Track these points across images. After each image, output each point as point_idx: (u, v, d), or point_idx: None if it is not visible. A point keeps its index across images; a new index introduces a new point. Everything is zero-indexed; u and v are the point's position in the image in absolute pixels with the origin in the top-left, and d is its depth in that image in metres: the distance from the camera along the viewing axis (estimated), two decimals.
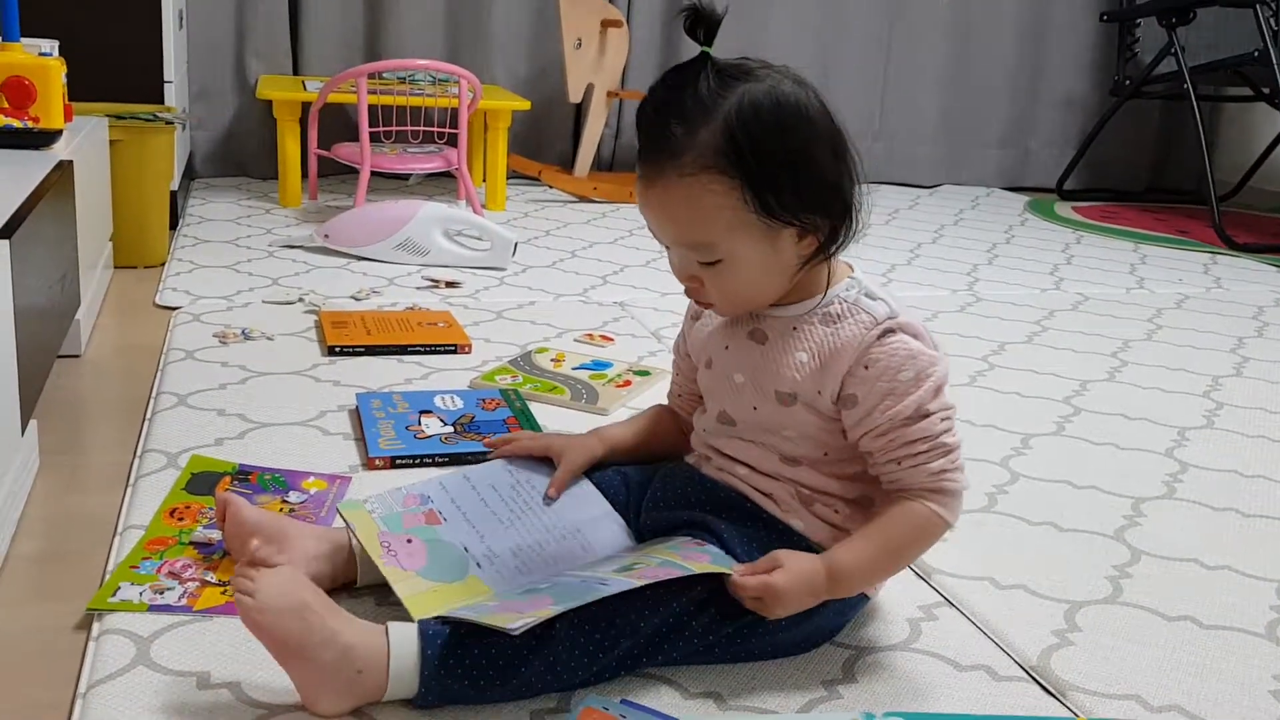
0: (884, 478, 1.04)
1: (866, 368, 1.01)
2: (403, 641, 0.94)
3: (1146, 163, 4.29)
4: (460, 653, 0.93)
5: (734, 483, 1.10)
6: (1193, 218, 3.73)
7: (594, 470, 1.19)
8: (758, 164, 0.96)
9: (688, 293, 1.07)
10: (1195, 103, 3.43)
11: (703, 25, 1.00)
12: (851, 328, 1.03)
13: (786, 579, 0.99)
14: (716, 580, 1.00)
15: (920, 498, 1.01)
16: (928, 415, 1.00)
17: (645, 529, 1.13)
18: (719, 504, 1.09)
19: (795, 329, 1.05)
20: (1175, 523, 1.43)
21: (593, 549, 1.11)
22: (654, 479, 1.16)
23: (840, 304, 1.04)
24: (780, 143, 0.97)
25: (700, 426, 1.16)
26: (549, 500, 1.16)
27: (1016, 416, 1.77)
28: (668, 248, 1.05)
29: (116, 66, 2.61)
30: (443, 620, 0.95)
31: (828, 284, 1.05)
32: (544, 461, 1.20)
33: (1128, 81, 3.81)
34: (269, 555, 0.95)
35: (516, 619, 0.91)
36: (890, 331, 1.02)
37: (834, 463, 1.07)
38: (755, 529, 1.07)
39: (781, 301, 1.06)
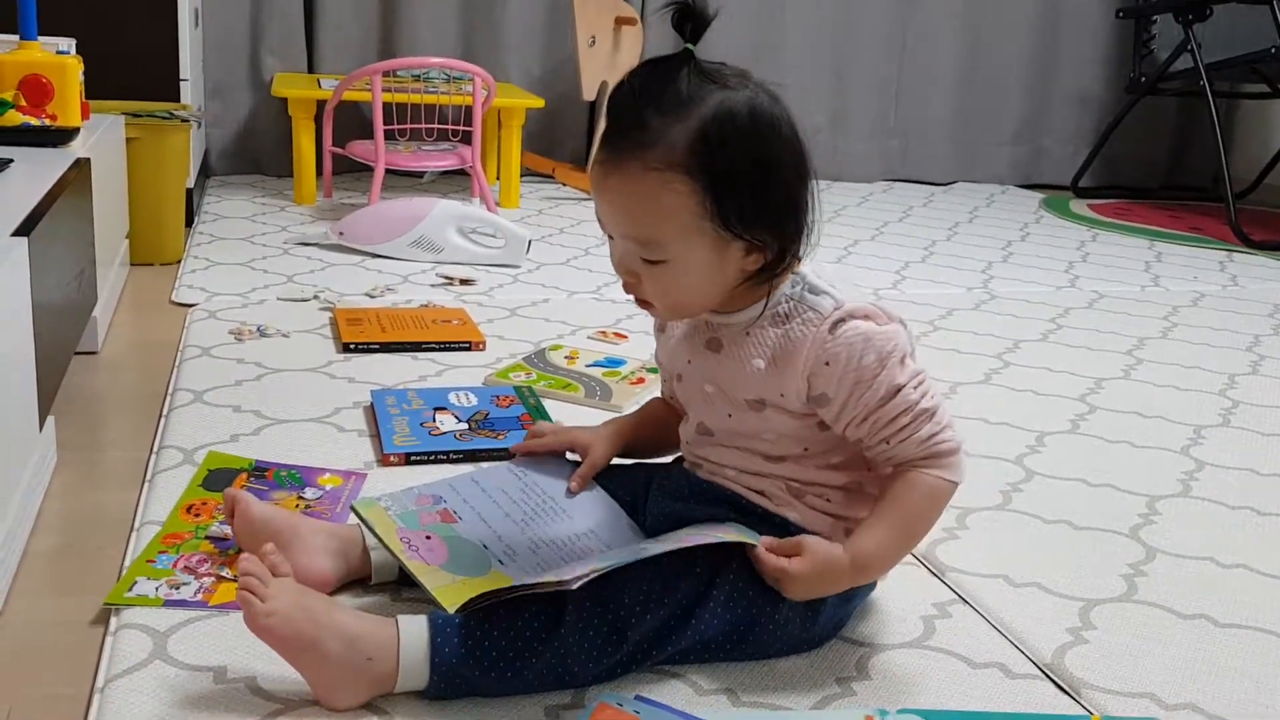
0: (879, 458, 1.03)
1: (828, 364, 1.00)
2: (413, 631, 0.94)
3: (1162, 160, 4.28)
4: (471, 643, 0.94)
5: (726, 484, 1.10)
6: (1208, 215, 3.71)
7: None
8: (724, 172, 0.95)
9: (625, 288, 1.05)
10: (1211, 99, 3.42)
11: (690, 22, 0.99)
12: (800, 327, 1.01)
13: (803, 567, 1.00)
14: (719, 569, 1.01)
15: (919, 468, 1.01)
16: (900, 389, 1.00)
17: (650, 531, 1.13)
18: (716, 501, 1.09)
19: (748, 334, 1.04)
20: (1190, 521, 1.42)
21: (610, 547, 1.11)
22: (652, 482, 1.16)
23: (787, 302, 1.03)
24: (750, 155, 0.96)
25: (684, 438, 1.16)
26: (570, 494, 1.16)
27: (1031, 414, 1.77)
28: (610, 238, 1.03)
29: (133, 65, 2.62)
30: (470, 602, 0.95)
31: (770, 288, 1.03)
32: (552, 463, 1.20)
33: (1143, 78, 3.79)
34: (277, 564, 0.95)
35: (569, 574, 0.93)
36: (840, 322, 1.00)
37: (815, 455, 1.06)
38: (753, 523, 1.07)
39: (731, 308, 1.05)
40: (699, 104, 0.96)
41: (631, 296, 1.05)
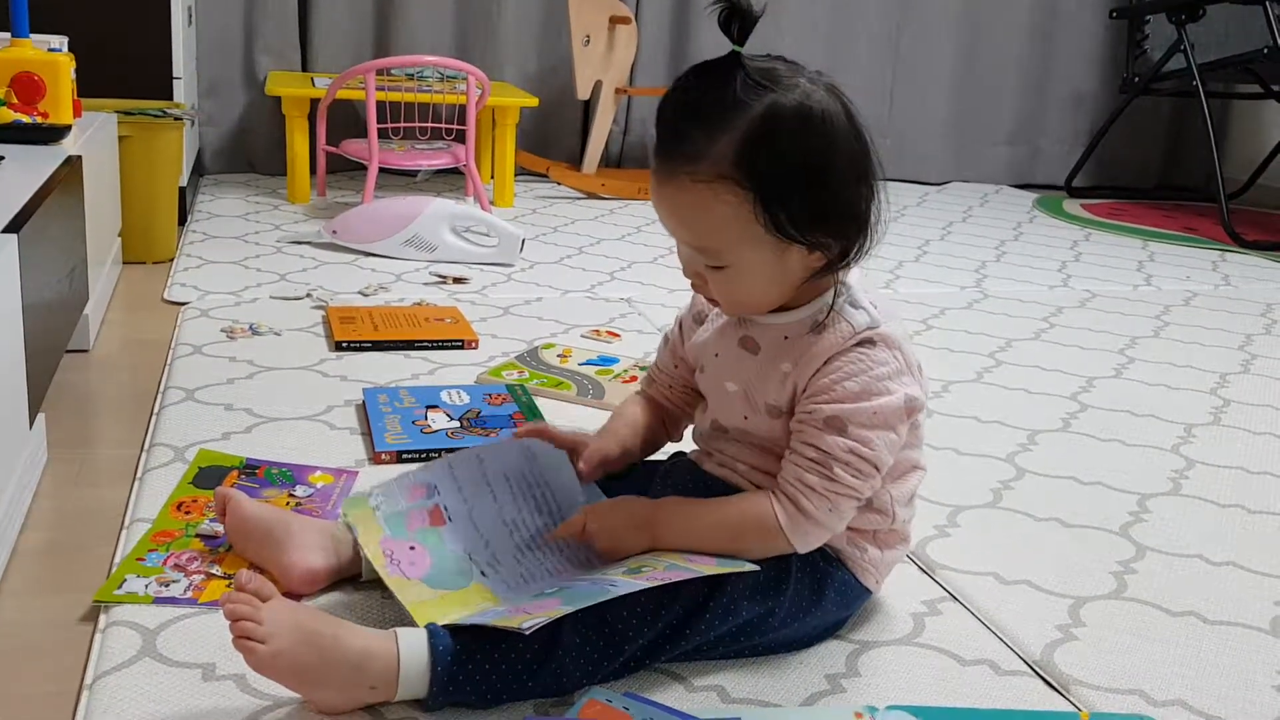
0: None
1: (826, 363, 1.00)
2: (412, 652, 0.93)
3: (1155, 160, 4.28)
4: (470, 667, 0.93)
5: (735, 479, 1.10)
6: (1202, 215, 3.72)
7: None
8: (772, 180, 0.94)
9: (694, 287, 1.06)
10: (1205, 100, 3.42)
11: (737, 20, 0.96)
12: (831, 337, 1.01)
13: (607, 506, 1.06)
14: (717, 583, 1.00)
15: (777, 495, 1.01)
16: (843, 434, 0.98)
17: None
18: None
19: (787, 339, 1.04)
20: (1181, 519, 1.42)
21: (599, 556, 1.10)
22: (655, 477, 1.16)
23: (825, 312, 1.02)
24: (799, 159, 0.95)
25: (698, 428, 1.16)
26: (581, 481, 1.14)
27: (1023, 413, 1.77)
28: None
29: (126, 62, 2.62)
30: (453, 630, 0.95)
31: (833, 289, 1.03)
32: (561, 461, 1.18)
33: (1137, 78, 3.79)
34: (260, 589, 0.92)
35: (527, 619, 0.91)
36: (868, 342, 1.00)
37: None
38: None
39: (788, 306, 1.05)
40: (745, 111, 0.94)
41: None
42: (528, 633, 0.90)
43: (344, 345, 1.86)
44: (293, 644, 0.90)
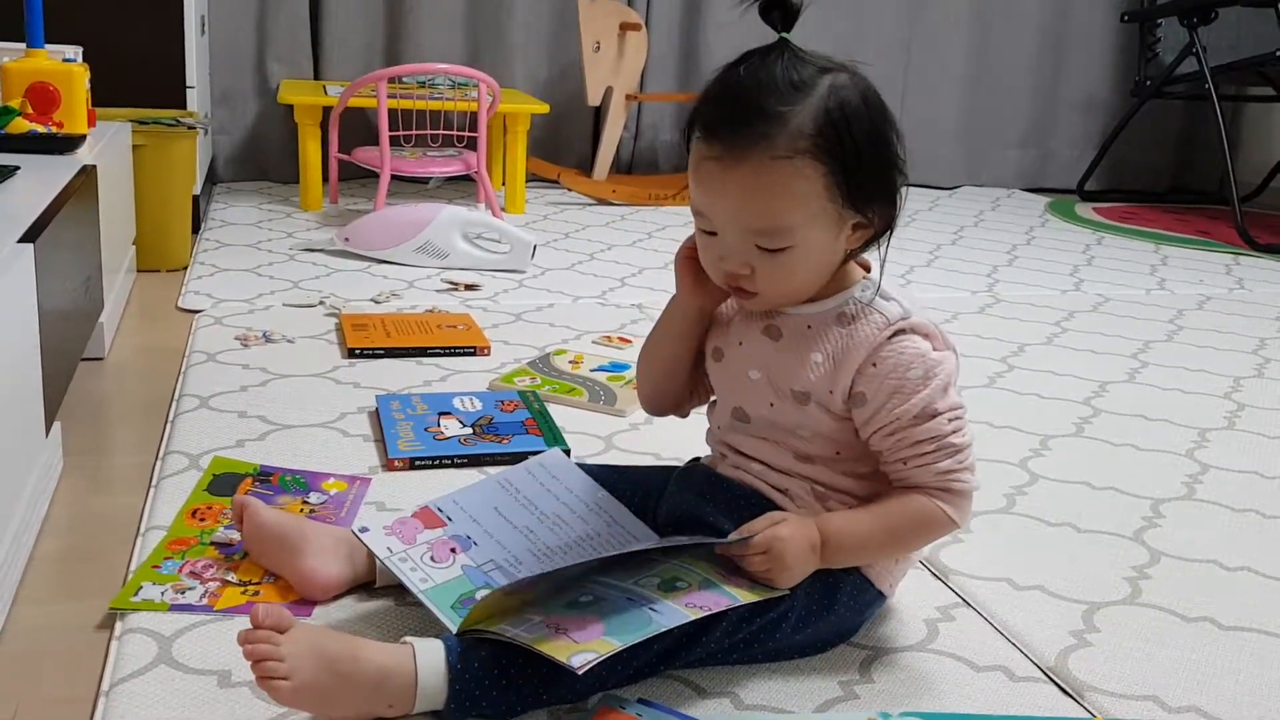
0: (892, 476, 1.04)
1: (875, 365, 1.02)
2: (429, 669, 0.93)
3: (1168, 163, 4.27)
4: (487, 682, 0.93)
5: (750, 480, 1.10)
6: (1214, 218, 3.71)
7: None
8: (850, 151, 0.96)
9: (729, 279, 1.03)
10: (1217, 103, 3.41)
11: (779, 9, 0.99)
12: (864, 329, 1.03)
13: (790, 530, 1.00)
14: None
15: (928, 494, 1.02)
16: (935, 415, 1.01)
17: (664, 526, 1.13)
18: (735, 502, 1.09)
19: (810, 328, 1.05)
20: (1195, 524, 1.42)
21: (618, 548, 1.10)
22: (670, 480, 1.16)
23: (855, 305, 1.04)
24: (868, 131, 0.98)
25: (714, 423, 1.15)
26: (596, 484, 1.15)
27: (1035, 417, 1.77)
28: (710, 234, 1.02)
29: (139, 72, 2.63)
30: (473, 643, 0.95)
31: (862, 288, 1.04)
32: (543, 476, 1.18)
33: (1149, 82, 3.79)
34: (280, 620, 0.92)
35: (574, 650, 0.90)
36: (901, 332, 1.02)
37: (847, 461, 1.07)
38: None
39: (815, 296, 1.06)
40: (812, 88, 0.96)
41: (731, 287, 1.05)
42: (581, 671, 0.88)
43: (357, 352, 1.87)
44: (315, 674, 0.90)
